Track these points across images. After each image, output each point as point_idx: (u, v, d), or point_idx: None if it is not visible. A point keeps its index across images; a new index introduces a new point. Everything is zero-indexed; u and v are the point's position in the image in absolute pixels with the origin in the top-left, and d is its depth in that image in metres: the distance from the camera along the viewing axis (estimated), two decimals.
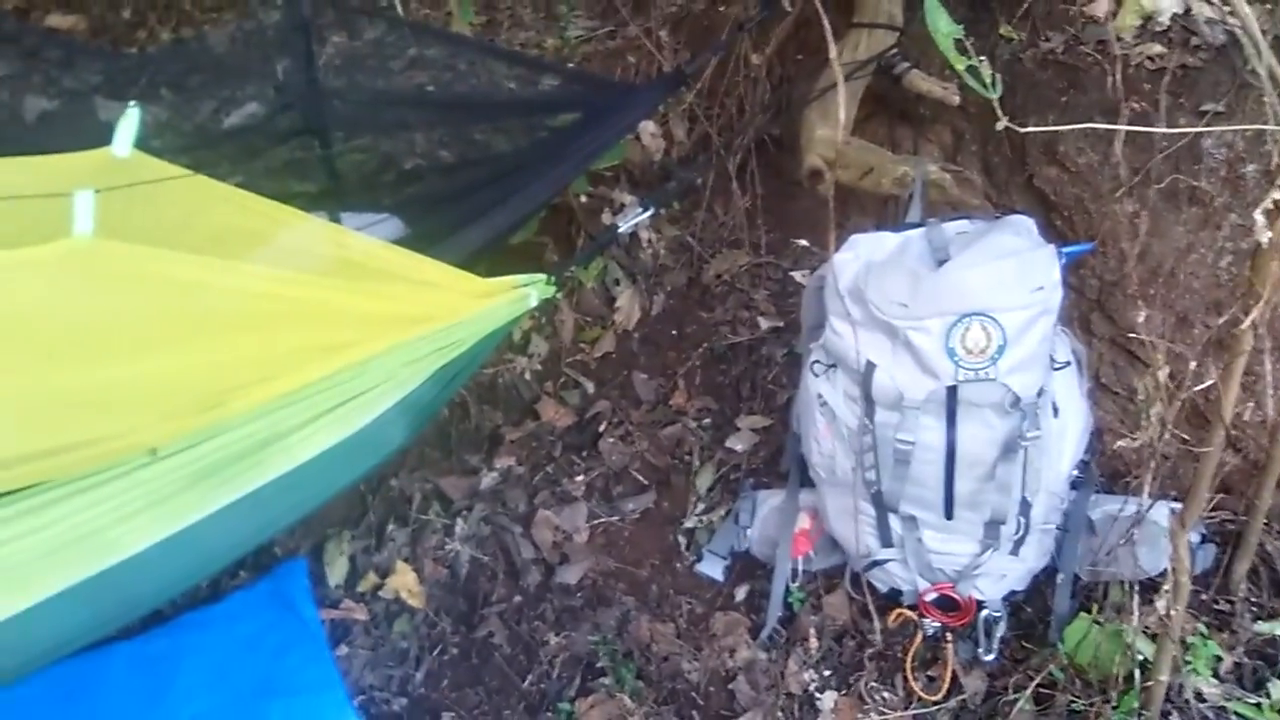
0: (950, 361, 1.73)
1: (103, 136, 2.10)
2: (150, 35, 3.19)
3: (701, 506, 2.24)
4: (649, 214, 2.16)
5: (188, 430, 1.48)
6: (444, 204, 2.39)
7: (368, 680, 2.02)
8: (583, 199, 2.73)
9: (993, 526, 1.85)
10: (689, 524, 2.22)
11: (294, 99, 2.43)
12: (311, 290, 1.53)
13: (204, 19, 3.17)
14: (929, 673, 1.94)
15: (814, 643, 1.99)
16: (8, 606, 1.36)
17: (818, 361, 1.91)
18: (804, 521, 2.06)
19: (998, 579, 1.90)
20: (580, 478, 2.31)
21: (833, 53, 1.56)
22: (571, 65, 2.86)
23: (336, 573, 2.16)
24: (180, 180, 1.56)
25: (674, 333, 2.58)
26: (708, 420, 2.40)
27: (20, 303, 1.37)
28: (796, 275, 2.65)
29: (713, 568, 2.14)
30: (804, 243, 2.73)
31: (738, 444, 2.34)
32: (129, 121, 1.53)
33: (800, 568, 2.05)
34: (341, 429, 1.58)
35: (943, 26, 1.27)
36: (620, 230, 2.10)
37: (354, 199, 2.32)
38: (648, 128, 2.82)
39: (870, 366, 1.79)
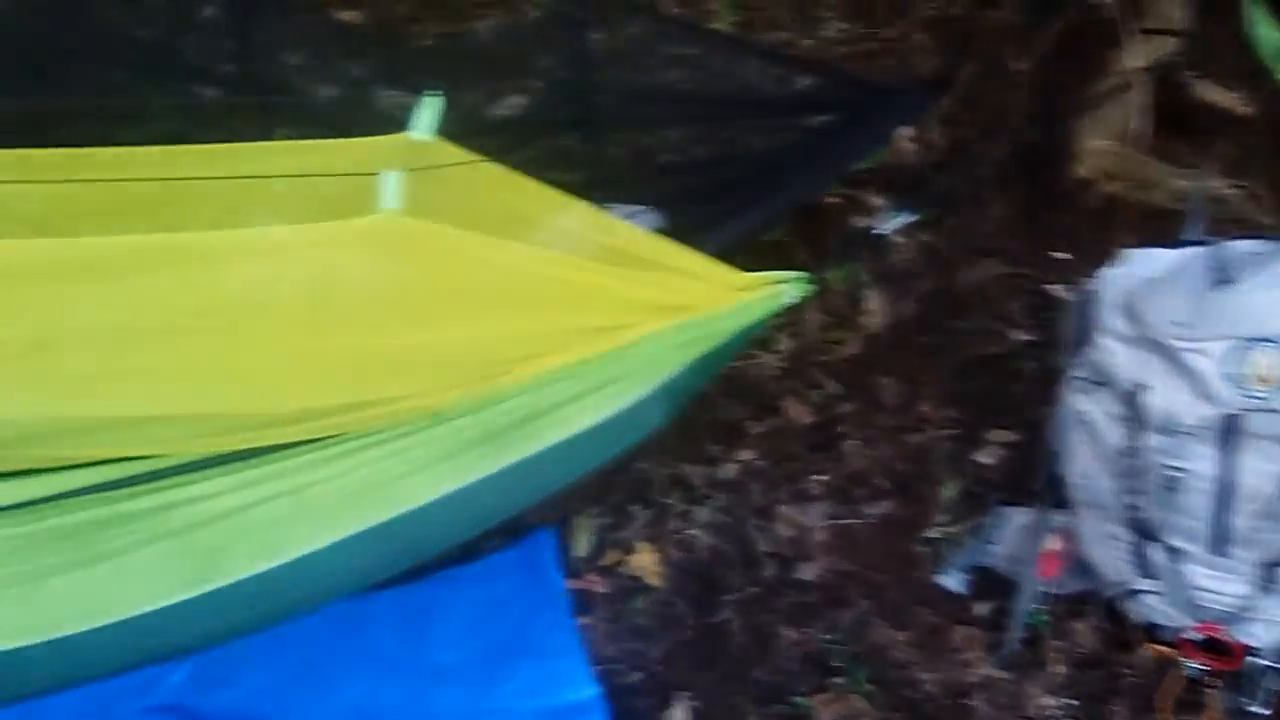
0: (1231, 388, 1.64)
1: (383, 122, 2.26)
2: (423, 29, 3.38)
3: (944, 518, 2.20)
4: (910, 218, 2.15)
5: (468, 397, 1.60)
6: (699, 200, 2.45)
7: (606, 651, 2.10)
8: (833, 199, 2.73)
9: (1270, 568, 1.72)
10: (930, 534, 2.18)
11: (565, 92, 2.56)
12: (584, 274, 1.62)
13: (473, 14, 3.33)
14: (1184, 717, 1.84)
15: (1058, 669, 1.92)
16: (313, 541, 1.52)
17: (1081, 378, 1.84)
18: (1054, 543, 1.99)
19: (1273, 626, 1.78)
20: (820, 477, 2.31)
21: (1129, 60, 1.51)
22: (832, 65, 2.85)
23: (581, 545, 2.26)
24: (472, 164, 1.68)
25: (922, 339, 2.54)
26: (954, 431, 2.35)
27: (327, 272, 1.51)
28: (1054, 289, 2.55)
29: (953, 580, 2.10)
30: (1063, 255, 2.62)
31: (985, 457, 2.28)
32: (431, 108, 1.65)
33: (1047, 590, 1.99)
34: (607, 407, 1.66)
35: (1266, 34, 1.21)
36: (879, 233, 2.10)
37: (614, 191, 2.41)
38: (903, 130, 2.79)
39: (1140, 387, 1.71)
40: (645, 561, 2.21)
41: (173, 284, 1.46)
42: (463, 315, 1.59)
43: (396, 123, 1.78)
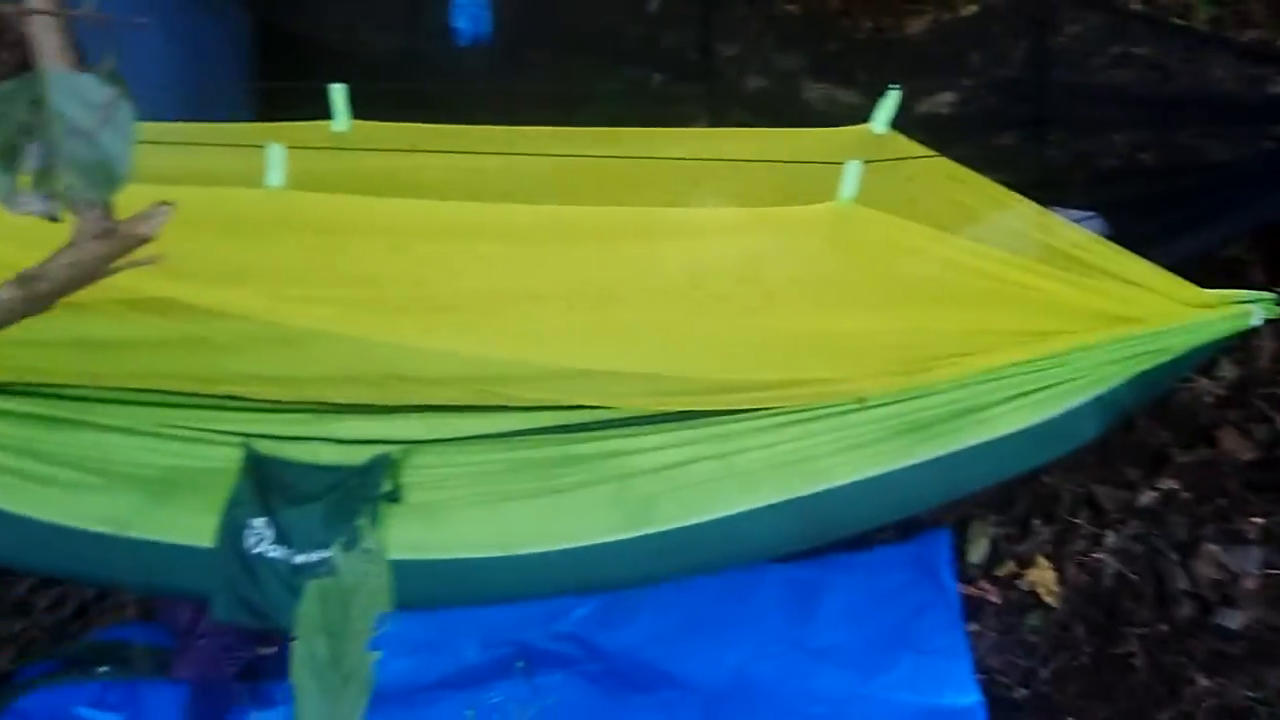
0: None
1: (813, 114, 2.29)
2: (854, 24, 3.40)
3: None
4: None
5: (895, 387, 1.64)
6: (1148, 209, 2.29)
7: (991, 662, 2.05)
8: None
9: None
10: None
11: (1009, 90, 2.49)
12: (1027, 275, 1.58)
13: (904, 9, 3.31)
14: None
15: None
16: (736, 504, 1.63)
17: None
18: None
19: None
20: (1257, 519, 2.10)
21: None
22: None
23: (976, 551, 2.20)
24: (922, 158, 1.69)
25: None
26: None
27: (778, 254, 1.59)
28: None
29: None
30: None
31: None
32: (889, 102, 1.68)
33: None
34: (1035, 413, 1.63)
35: None
36: None
37: (1051, 193, 2.31)
38: None
39: None
40: (1043, 578, 2.12)
41: (638, 254, 1.60)
42: (902, 306, 1.61)
43: (823, 116, 1.81)
